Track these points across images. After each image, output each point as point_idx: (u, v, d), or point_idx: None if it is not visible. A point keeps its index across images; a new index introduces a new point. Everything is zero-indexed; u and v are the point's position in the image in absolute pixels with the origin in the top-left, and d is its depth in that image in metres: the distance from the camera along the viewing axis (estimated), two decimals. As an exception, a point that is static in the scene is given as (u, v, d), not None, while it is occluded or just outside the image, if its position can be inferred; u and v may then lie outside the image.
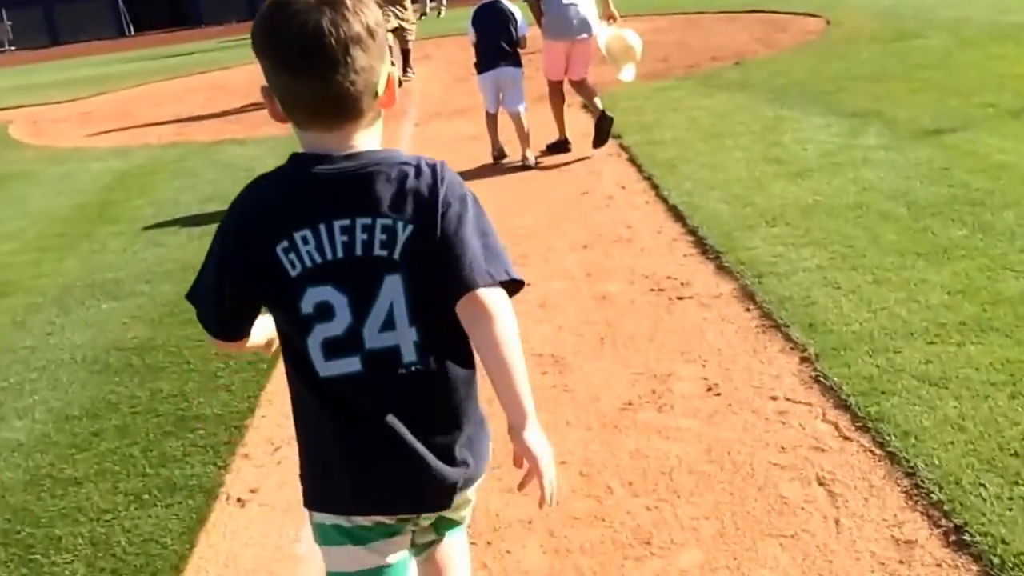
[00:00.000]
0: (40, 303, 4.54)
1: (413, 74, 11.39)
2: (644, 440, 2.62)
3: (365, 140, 1.33)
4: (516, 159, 6.34)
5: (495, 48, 6.31)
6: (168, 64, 19.97)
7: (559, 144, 6.50)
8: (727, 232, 4.14)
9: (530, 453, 1.32)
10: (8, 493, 2.78)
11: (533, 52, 6.89)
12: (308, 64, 1.24)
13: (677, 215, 4.58)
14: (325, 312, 1.30)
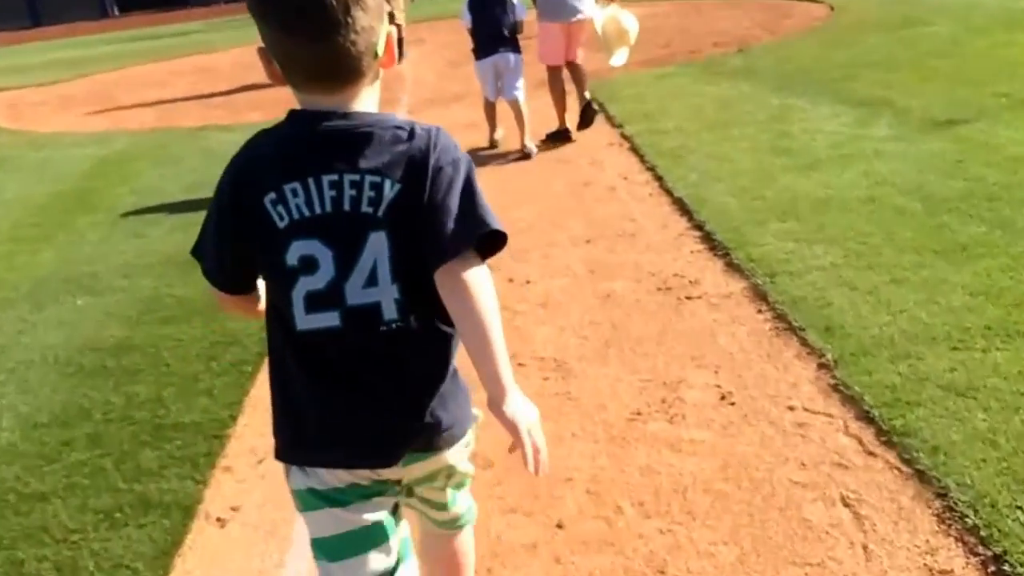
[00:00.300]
0: (12, 298, 4.31)
1: (406, 57, 11.16)
2: (655, 454, 2.44)
3: (364, 102, 1.33)
4: (515, 147, 6.15)
5: (493, 33, 6.12)
6: (152, 46, 19.64)
7: (560, 133, 6.30)
8: (736, 227, 3.95)
9: (510, 424, 1.28)
10: (-30, 509, 2.59)
11: (530, 37, 6.69)
12: (309, 25, 1.23)
13: (683, 208, 4.39)
14: (309, 265, 1.30)
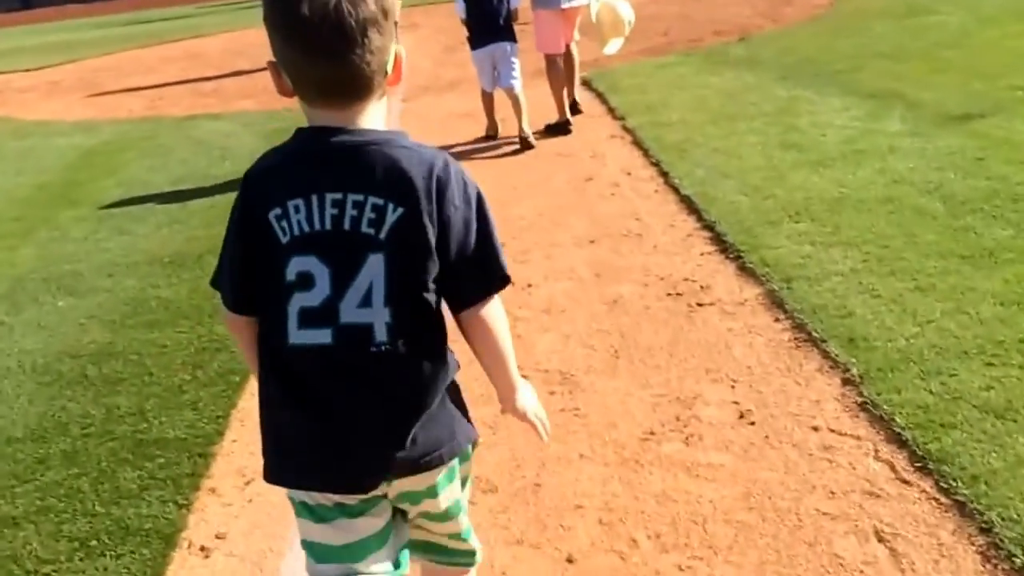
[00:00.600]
0: (-10, 299, 4.13)
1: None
2: (671, 479, 2.28)
3: (371, 118, 1.34)
4: (512, 132, 5.97)
5: (488, 23, 5.96)
6: (143, 31, 19.35)
7: (559, 125, 6.11)
8: (748, 228, 3.78)
9: (520, 415, 1.51)
10: (-65, 534, 2.41)
11: (526, 23, 6.50)
12: (327, 45, 1.25)
13: (691, 207, 4.22)
14: (305, 281, 1.31)
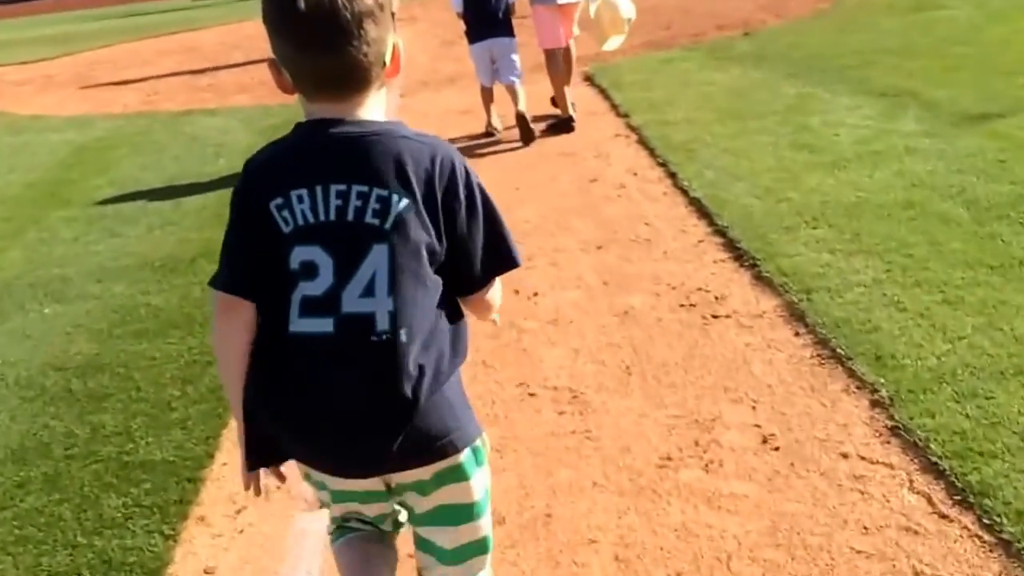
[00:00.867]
0: (-27, 306, 3.97)
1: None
2: (691, 510, 2.13)
3: (371, 109, 1.35)
4: (513, 135, 5.84)
5: (485, 17, 5.83)
6: (139, 23, 19.14)
7: (562, 123, 5.95)
8: (762, 234, 3.63)
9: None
10: (-94, 566, 2.27)
11: (524, 17, 6.36)
12: (323, 38, 1.26)
13: (701, 211, 4.06)
14: (309, 271, 1.31)
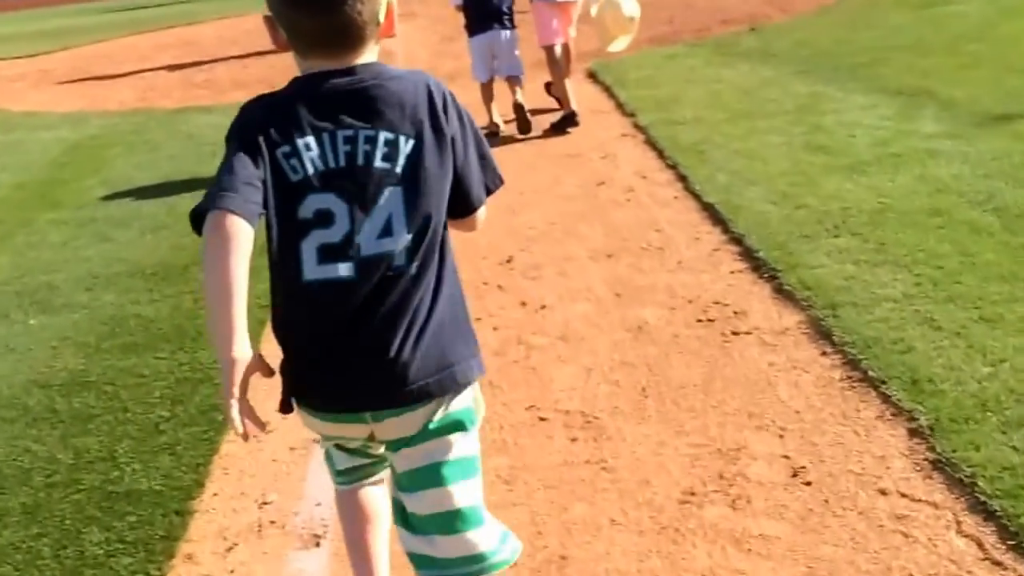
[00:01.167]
0: (-44, 316, 3.81)
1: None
2: (718, 553, 1.97)
3: (365, 63, 1.39)
4: (509, 115, 5.79)
5: (487, 8, 5.70)
6: (138, 17, 18.94)
7: (566, 118, 5.78)
8: (781, 243, 3.46)
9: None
10: None
11: (524, 12, 6.22)
12: None
13: (715, 217, 3.89)
14: (324, 219, 1.32)
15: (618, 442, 2.40)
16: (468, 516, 1.45)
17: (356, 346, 1.35)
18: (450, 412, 1.42)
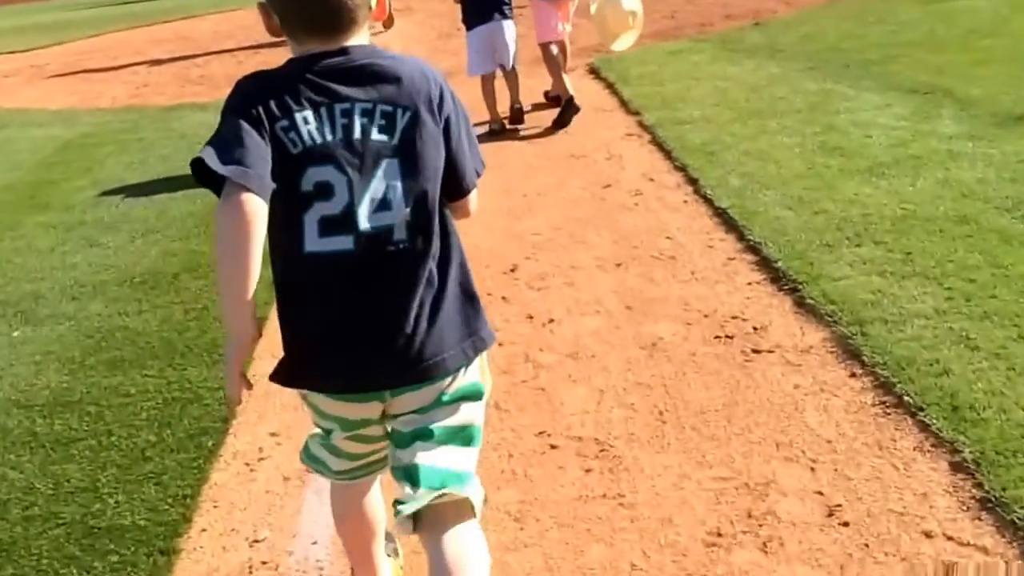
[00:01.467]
0: (-66, 328, 3.63)
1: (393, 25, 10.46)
2: (750, 604, 1.81)
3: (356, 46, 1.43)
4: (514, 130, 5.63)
5: (485, 1, 5.56)
6: (132, 11, 18.69)
7: (566, 106, 5.63)
8: (800, 252, 3.30)
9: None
10: None
11: (523, 6, 6.07)
12: None
13: (728, 223, 3.73)
14: (324, 191, 1.34)
15: (636, 474, 2.24)
16: (461, 477, 1.47)
17: (372, 324, 1.38)
18: (463, 383, 1.47)
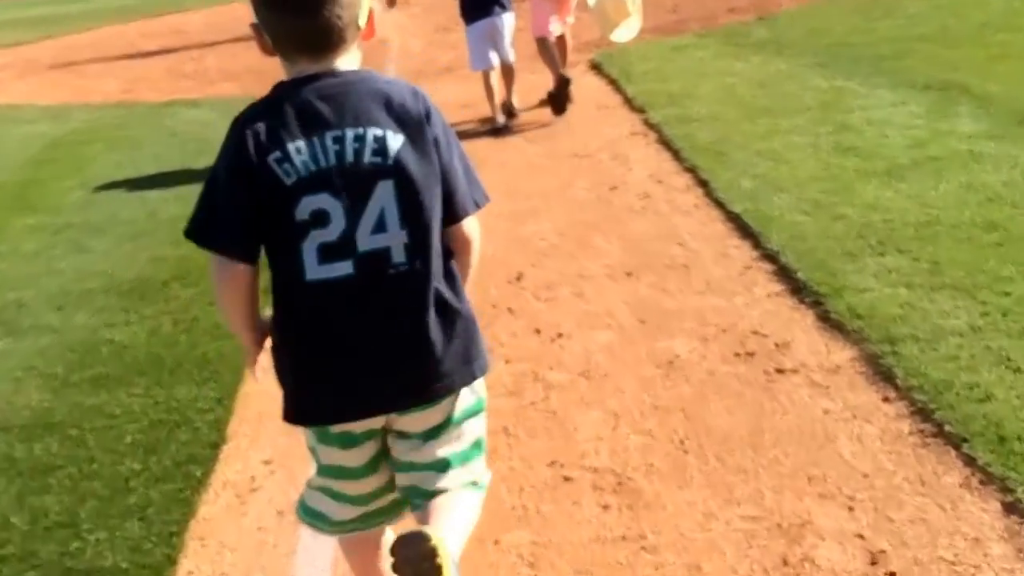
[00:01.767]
0: (-90, 341, 3.46)
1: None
2: (787, 663, 1.66)
3: (348, 64, 1.45)
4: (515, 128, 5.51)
5: None
6: (125, 4, 18.42)
7: (560, 86, 5.52)
8: (821, 260, 3.13)
9: None
10: None
11: (522, 0, 5.92)
12: (299, 2, 1.38)
13: (743, 229, 3.56)
14: (321, 219, 1.36)
15: (657, 511, 2.07)
16: (477, 485, 1.55)
17: (376, 347, 1.40)
18: (468, 403, 1.51)
